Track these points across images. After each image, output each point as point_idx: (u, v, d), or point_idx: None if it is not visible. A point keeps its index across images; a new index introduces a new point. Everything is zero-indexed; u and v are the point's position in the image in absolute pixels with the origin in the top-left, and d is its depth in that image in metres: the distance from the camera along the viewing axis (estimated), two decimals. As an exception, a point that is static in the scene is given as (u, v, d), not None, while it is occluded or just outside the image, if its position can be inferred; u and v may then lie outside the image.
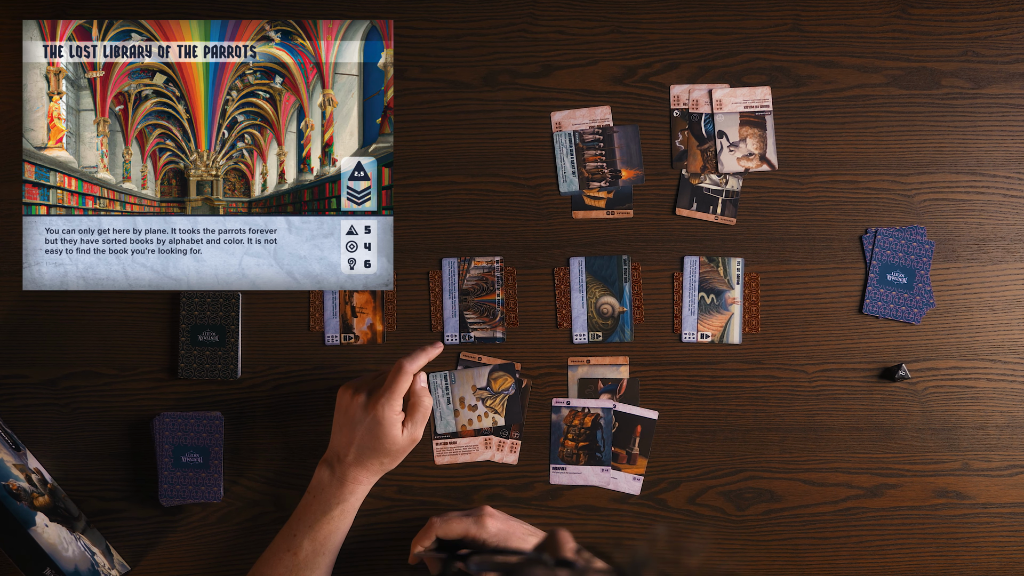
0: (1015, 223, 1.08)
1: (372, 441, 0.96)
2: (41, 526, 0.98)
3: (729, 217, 1.08)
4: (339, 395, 1.00)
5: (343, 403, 0.99)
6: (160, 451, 1.06)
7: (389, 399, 0.95)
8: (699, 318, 1.08)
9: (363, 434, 0.96)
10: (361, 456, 0.97)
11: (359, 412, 0.97)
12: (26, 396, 1.07)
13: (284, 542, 0.98)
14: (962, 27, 1.08)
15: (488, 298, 1.08)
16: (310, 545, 0.97)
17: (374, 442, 0.96)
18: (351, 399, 0.98)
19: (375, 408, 0.95)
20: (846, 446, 1.07)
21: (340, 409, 0.99)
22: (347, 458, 0.97)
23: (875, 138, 1.08)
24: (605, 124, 1.08)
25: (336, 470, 0.98)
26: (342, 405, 0.99)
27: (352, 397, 0.98)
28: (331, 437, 1.00)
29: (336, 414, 0.99)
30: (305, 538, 0.97)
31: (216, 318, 1.07)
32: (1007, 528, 1.06)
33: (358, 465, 0.97)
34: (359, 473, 0.98)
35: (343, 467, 0.98)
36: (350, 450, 0.97)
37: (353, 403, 0.97)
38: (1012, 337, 1.07)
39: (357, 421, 0.97)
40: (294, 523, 0.98)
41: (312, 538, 0.97)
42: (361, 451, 0.97)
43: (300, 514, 0.99)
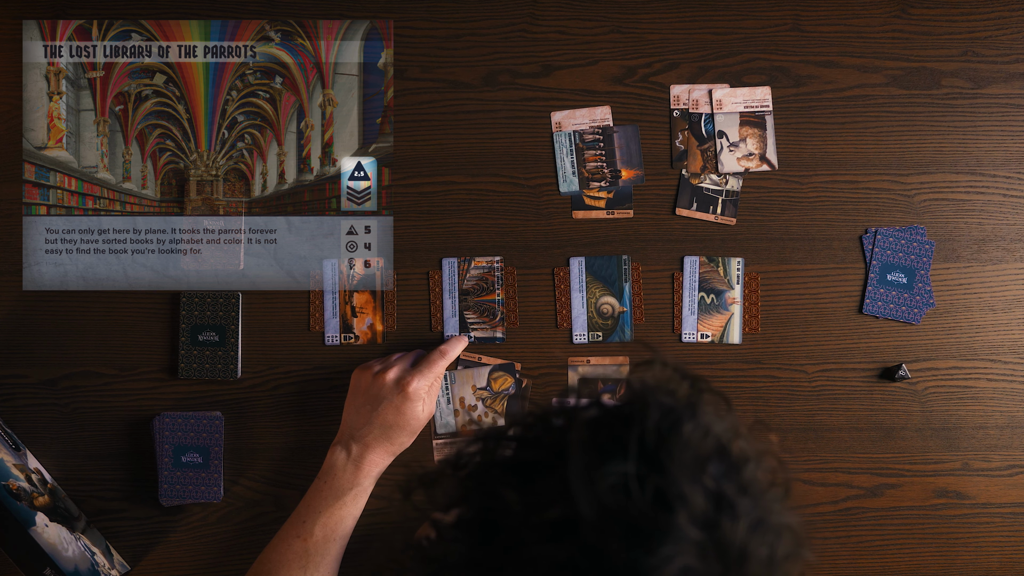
0: (1015, 223, 1.08)
1: (398, 418, 0.98)
2: (41, 526, 0.98)
3: (729, 217, 1.08)
4: (357, 376, 1.01)
5: (362, 383, 1.00)
6: (160, 451, 1.06)
7: (423, 377, 0.99)
8: (699, 318, 1.08)
9: (390, 411, 0.98)
10: (384, 434, 0.98)
11: (387, 389, 0.98)
12: (26, 396, 1.07)
13: (294, 528, 0.97)
14: (962, 27, 1.08)
15: (488, 298, 1.08)
16: (321, 531, 0.96)
17: (400, 419, 0.98)
18: (374, 378, 0.99)
19: (409, 384, 0.98)
20: (846, 446, 1.07)
21: (359, 390, 1.00)
22: (366, 437, 0.98)
23: (875, 138, 1.08)
24: (605, 124, 1.08)
25: (353, 451, 0.98)
26: (362, 385, 1.00)
27: (376, 376, 0.99)
28: (344, 420, 1.00)
29: (353, 396, 1.00)
30: (316, 524, 0.97)
31: (216, 318, 1.07)
32: (1007, 528, 1.06)
33: (376, 445, 0.98)
34: (376, 454, 0.98)
35: (361, 447, 0.98)
36: (371, 429, 0.98)
37: (377, 381, 0.99)
38: (1012, 337, 1.07)
39: (383, 398, 0.98)
40: (304, 509, 0.98)
41: (323, 524, 0.97)
42: (385, 429, 0.98)
43: (310, 499, 0.98)
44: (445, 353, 1.02)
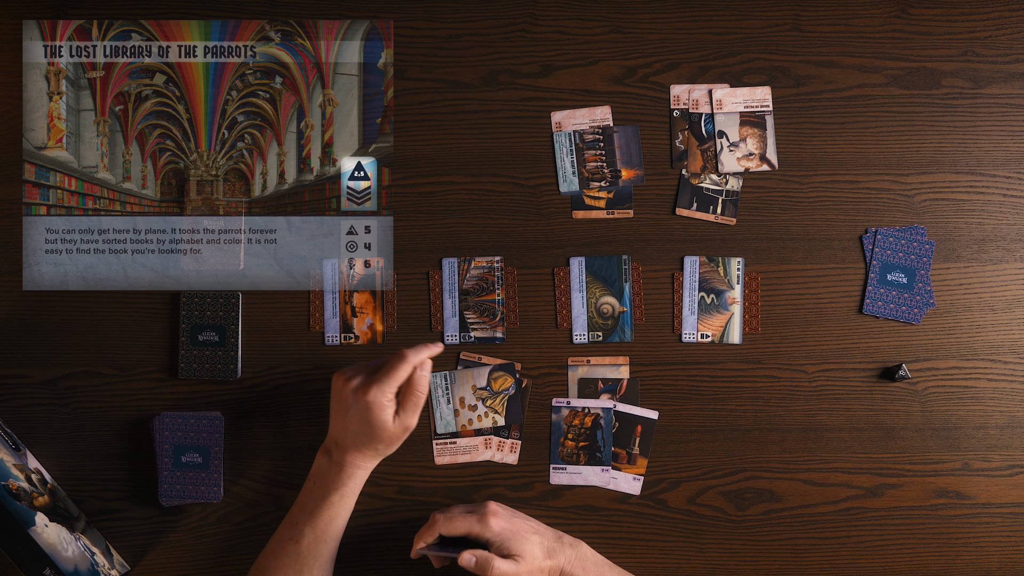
0: (1015, 223, 1.08)
1: (363, 426, 0.96)
2: (41, 526, 0.98)
3: (729, 217, 1.08)
4: (333, 380, 0.99)
5: (336, 388, 0.99)
6: (160, 451, 1.06)
7: (381, 385, 0.95)
8: (699, 318, 1.08)
9: (355, 419, 0.96)
10: (355, 441, 0.97)
11: (350, 396, 0.96)
12: (26, 396, 1.07)
13: (286, 531, 0.98)
14: (962, 27, 1.08)
15: (488, 298, 1.08)
16: (311, 533, 0.97)
17: (365, 427, 0.96)
18: (344, 384, 0.97)
19: (367, 393, 0.95)
20: (846, 446, 1.07)
21: (334, 394, 0.99)
22: (344, 441, 0.98)
23: (875, 138, 1.08)
24: (605, 124, 1.08)
25: (334, 455, 0.98)
26: (335, 390, 0.99)
27: (345, 382, 0.97)
28: (330, 423, 1.00)
29: (331, 400, 0.99)
30: (306, 526, 0.97)
31: (216, 318, 1.07)
32: (1007, 528, 1.06)
33: (354, 450, 0.98)
34: (355, 458, 0.98)
35: (340, 452, 0.98)
36: (346, 434, 0.97)
37: (345, 388, 0.97)
38: (1012, 337, 1.07)
39: (348, 405, 0.96)
40: (295, 512, 0.99)
41: (313, 525, 0.97)
42: (355, 436, 0.97)
43: (301, 502, 0.99)
44: (405, 356, 0.96)
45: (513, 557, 0.94)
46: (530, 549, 0.95)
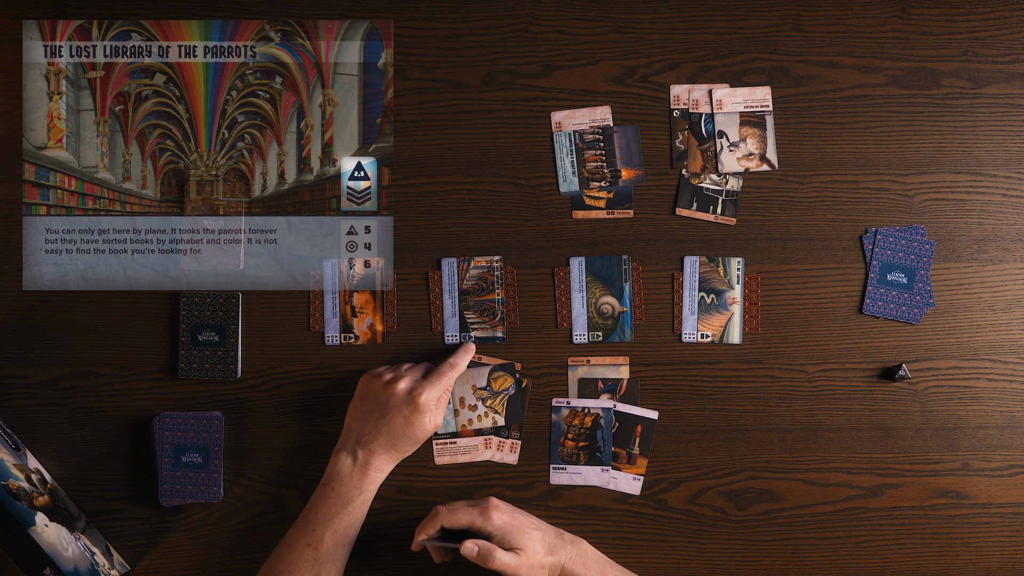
0: (1015, 223, 1.08)
1: (406, 428, 0.98)
2: (41, 526, 0.98)
3: (729, 217, 1.08)
4: (365, 382, 1.01)
5: (371, 390, 1.00)
6: (160, 451, 1.06)
7: (434, 387, 0.99)
8: (699, 318, 1.08)
9: (398, 421, 0.98)
10: (389, 442, 0.98)
11: (397, 399, 0.98)
12: (26, 396, 1.07)
13: (303, 537, 0.97)
14: (962, 27, 1.08)
15: (488, 298, 1.08)
16: (331, 538, 0.97)
17: (407, 429, 0.98)
18: (384, 386, 0.99)
19: (420, 395, 0.98)
20: (846, 446, 1.07)
21: (367, 396, 1.00)
22: (372, 444, 0.98)
23: (875, 138, 1.08)
24: (605, 124, 1.08)
25: (359, 457, 0.98)
26: (370, 392, 1.00)
27: (387, 385, 0.99)
28: (349, 425, 1.00)
29: (360, 401, 1.00)
30: (326, 531, 0.97)
31: (216, 318, 1.07)
32: (1007, 528, 1.06)
33: (382, 452, 0.98)
34: (382, 460, 0.99)
35: (367, 453, 0.98)
36: (377, 436, 0.98)
37: (387, 390, 0.99)
38: (1012, 337, 1.07)
39: (392, 407, 0.98)
40: (312, 516, 0.98)
41: (333, 531, 0.97)
42: (392, 437, 0.98)
43: (318, 506, 0.98)
44: (455, 365, 1.02)
45: (514, 550, 0.94)
46: (531, 544, 0.95)
